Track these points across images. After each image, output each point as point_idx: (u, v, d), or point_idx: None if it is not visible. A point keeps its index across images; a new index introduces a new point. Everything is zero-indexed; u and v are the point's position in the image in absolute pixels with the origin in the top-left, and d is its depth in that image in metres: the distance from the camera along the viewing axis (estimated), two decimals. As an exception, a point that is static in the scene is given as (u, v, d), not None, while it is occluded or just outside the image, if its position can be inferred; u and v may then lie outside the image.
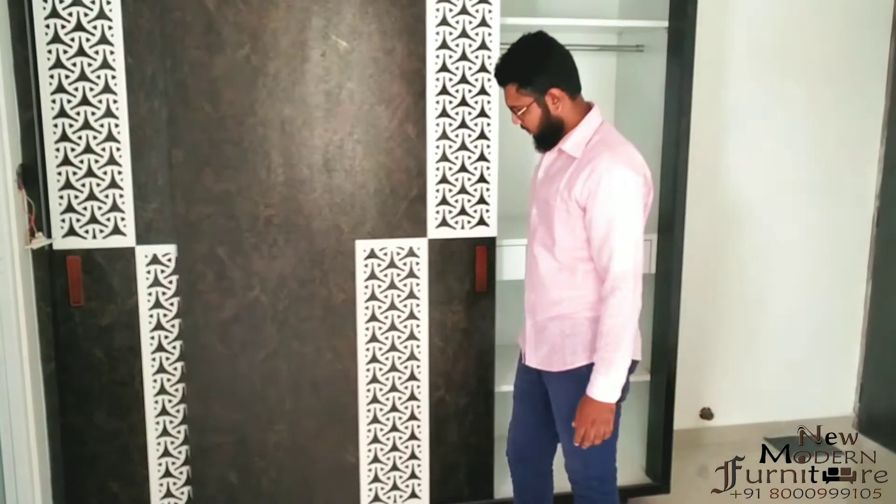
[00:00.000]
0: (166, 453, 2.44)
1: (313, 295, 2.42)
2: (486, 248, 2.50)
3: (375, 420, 2.54)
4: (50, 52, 2.16)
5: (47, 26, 2.14)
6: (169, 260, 2.33)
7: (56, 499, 2.34)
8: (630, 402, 2.87)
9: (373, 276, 2.45)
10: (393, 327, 2.50)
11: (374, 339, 2.49)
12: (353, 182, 2.38)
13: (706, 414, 3.39)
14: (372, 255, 2.44)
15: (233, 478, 2.47)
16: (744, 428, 3.43)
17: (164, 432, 2.43)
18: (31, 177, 2.16)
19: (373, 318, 2.48)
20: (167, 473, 2.45)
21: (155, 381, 2.39)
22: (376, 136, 2.36)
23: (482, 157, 2.45)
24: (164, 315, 2.36)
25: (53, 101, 2.18)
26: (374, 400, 2.53)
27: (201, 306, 2.35)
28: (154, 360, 2.38)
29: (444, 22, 2.34)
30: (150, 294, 2.34)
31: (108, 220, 2.27)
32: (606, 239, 1.88)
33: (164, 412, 2.41)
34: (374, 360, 2.50)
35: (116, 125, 2.23)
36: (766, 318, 3.41)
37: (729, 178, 3.25)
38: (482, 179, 2.46)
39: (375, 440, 2.56)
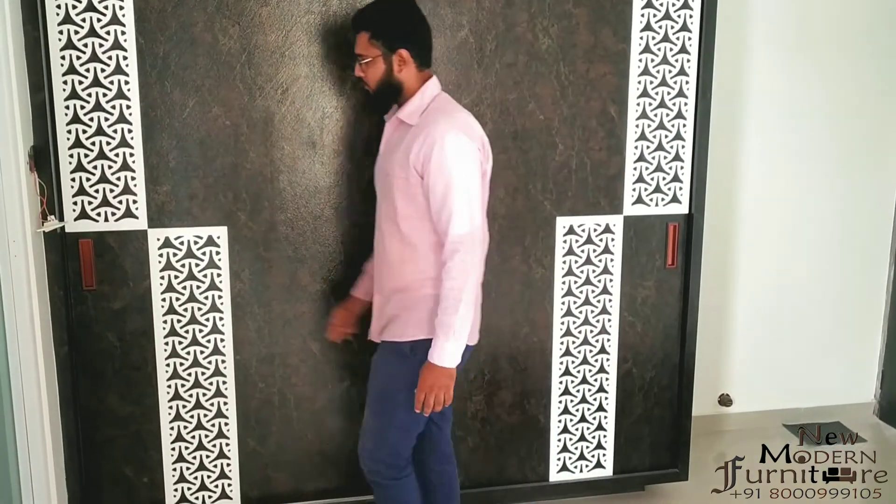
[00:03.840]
0: (179, 438, 2.43)
1: (514, 270, 2.49)
2: (678, 224, 2.57)
3: (567, 392, 2.65)
4: (61, 32, 2.13)
5: (58, 6, 2.12)
6: (181, 243, 2.31)
7: (70, 483, 2.33)
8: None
9: (570, 251, 2.53)
10: (587, 302, 2.59)
11: (569, 313, 2.57)
12: (553, 160, 2.45)
13: (725, 400, 3.36)
14: (570, 231, 2.53)
15: None
16: (763, 415, 3.39)
17: (178, 417, 2.41)
18: (42, 159, 2.15)
19: (569, 292, 2.56)
20: (180, 458, 2.44)
21: (168, 364, 2.37)
22: (576, 116, 2.46)
23: (678, 136, 2.52)
24: (177, 299, 2.34)
25: (65, 83, 2.16)
26: (566, 372, 2.64)
27: None
28: (167, 343, 2.36)
29: (648, 4, 2.45)
30: (162, 277, 2.32)
31: (121, 202, 2.26)
32: (444, 202, 1.88)
33: (176, 396, 2.40)
34: (567, 333, 2.59)
35: (128, 106, 2.20)
36: (786, 304, 3.36)
37: (748, 162, 3.20)
38: (677, 157, 2.53)
39: (566, 411, 2.67)
